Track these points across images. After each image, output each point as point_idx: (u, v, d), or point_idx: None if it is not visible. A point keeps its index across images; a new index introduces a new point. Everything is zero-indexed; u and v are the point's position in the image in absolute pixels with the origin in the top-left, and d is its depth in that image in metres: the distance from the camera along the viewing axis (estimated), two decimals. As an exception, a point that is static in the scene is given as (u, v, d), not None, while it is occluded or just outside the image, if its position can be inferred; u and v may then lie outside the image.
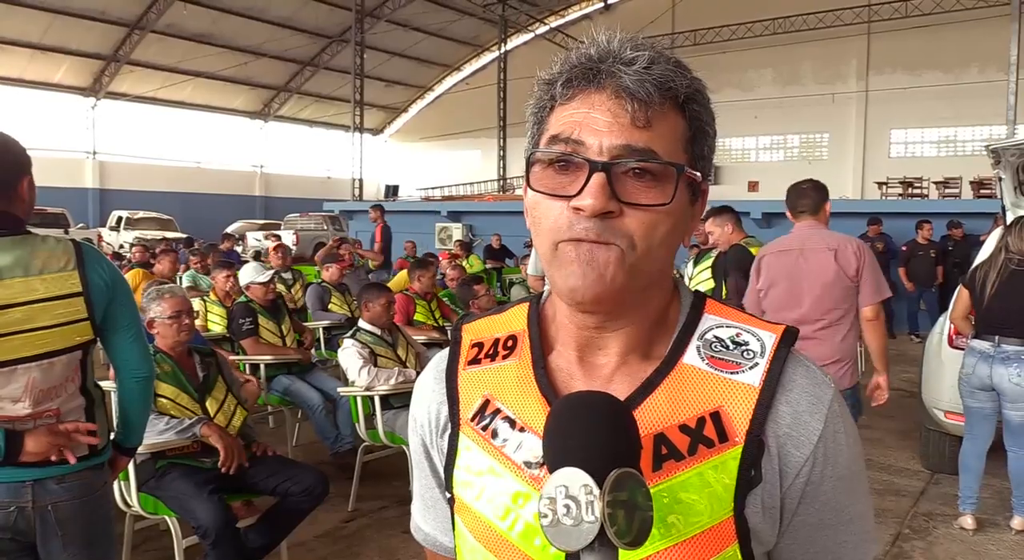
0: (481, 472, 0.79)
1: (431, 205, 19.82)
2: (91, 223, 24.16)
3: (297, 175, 33.08)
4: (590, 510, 0.57)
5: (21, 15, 22.16)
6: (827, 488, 0.77)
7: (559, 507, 0.58)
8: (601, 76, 0.73)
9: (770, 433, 0.75)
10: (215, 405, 3.34)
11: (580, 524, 0.58)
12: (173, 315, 3.34)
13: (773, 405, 0.75)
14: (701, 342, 0.79)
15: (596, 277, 0.72)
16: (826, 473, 0.76)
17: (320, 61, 29.45)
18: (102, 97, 26.85)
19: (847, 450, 0.78)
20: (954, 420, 4.52)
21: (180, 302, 3.40)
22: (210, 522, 2.96)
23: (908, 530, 4.13)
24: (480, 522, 0.79)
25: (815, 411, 0.76)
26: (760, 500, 0.74)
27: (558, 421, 0.65)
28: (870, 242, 10.97)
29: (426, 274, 6.44)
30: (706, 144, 0.78)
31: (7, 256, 1.82)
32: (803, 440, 0.75)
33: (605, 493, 0.57)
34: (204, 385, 3.36)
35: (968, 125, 22.76)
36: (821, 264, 3.53)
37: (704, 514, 0.72)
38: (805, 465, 0.75)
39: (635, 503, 0.58)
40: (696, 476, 0.72)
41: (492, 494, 0.78)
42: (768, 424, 0.75)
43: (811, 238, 3.66)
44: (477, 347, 0.87)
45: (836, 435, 0.77)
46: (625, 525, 0.58)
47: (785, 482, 0.76)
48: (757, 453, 0.74)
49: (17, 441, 1.81)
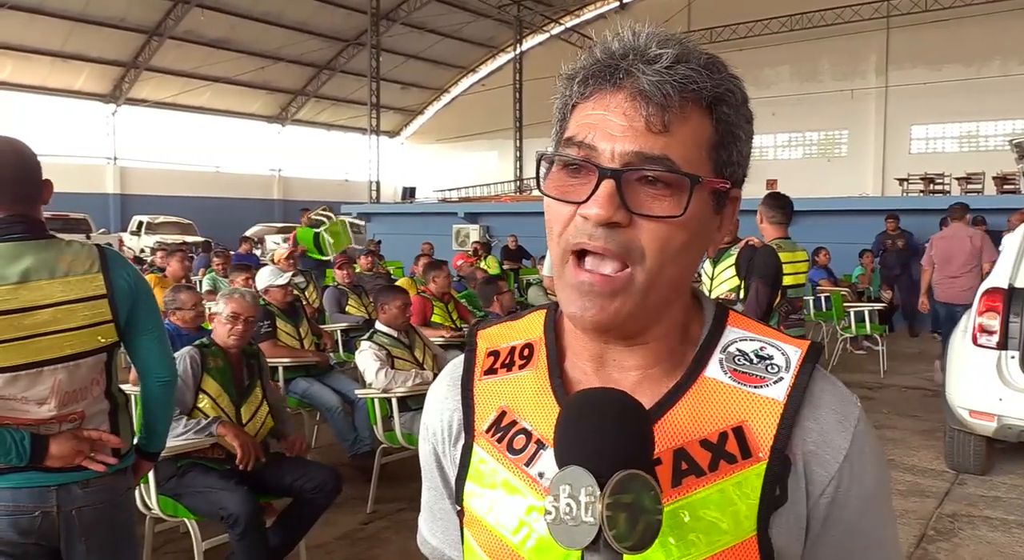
0: (494, 484, 0.77)
1: (448, 206, 19.87)
2: (112, 228, 24.45)
3: (315, 178, 33.25)
4: (589, 511, 0.56)
5: (42, 24, 22.49)
6: (851, 510, 0.74)
7: (562, 505, 0.57)
8: (619, 75, 0.70)
9: (798, 451, 0.72)
10: (249, 412, 3.36)
11: (579, 525, 0.57)
12: (230, 316, 3.42)
13: (799, 422, 0.72)
14: (724, 355, 0.76)
15: (597, 310, 0.70)
16: (852, 492, 0.74)
17: (336, 65, 29.61)
18: (122, 103, 27.17)
19: (873, 471, 0.75)
20: (979, 419, 4.45)
21: (242, 306, 3.47)
22: (240, 510, 2.98)
23: (933, 532, 4.07)
24: (491, 536, 0.77)
25: (842, 429, 0.74)
26: (786, 520, 0.72)
27: (568, 417, 0.63)
28: (889, 238, 10.86)
29: (440, 275, 6.42)
30: (735, 149, 0.74)
31: (33, 259, 1.85)
32: (828, 459, 0.73)
33: (605, 495, 0.56)
34: (246, 389, 3.40)
35: (990, 120, 22.46)
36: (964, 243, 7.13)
37: (727, 533, 0.69)
38: (829, 485, 0.73)
39: (641, 506, 0.57)
40: (718, 493, 0.70)
41: (505, 507, 0.76)
42: (795, 442, 0.72)
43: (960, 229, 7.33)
44: (493, 356, 0.85)
45: (862, 454, 0.74)
46: (626, 529, 0.56)
47: (810, 501, 0.73)
48: (782, 470, 0.71)
49: (42, 445, 1.82)
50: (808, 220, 9.91)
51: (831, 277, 9.88)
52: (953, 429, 4.86)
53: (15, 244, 1.85)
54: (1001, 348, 4.43)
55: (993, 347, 4.45)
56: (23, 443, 1.80)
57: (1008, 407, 4.30)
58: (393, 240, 16.84)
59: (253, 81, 28.06)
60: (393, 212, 20.11)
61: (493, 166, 31.43)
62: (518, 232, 14.48)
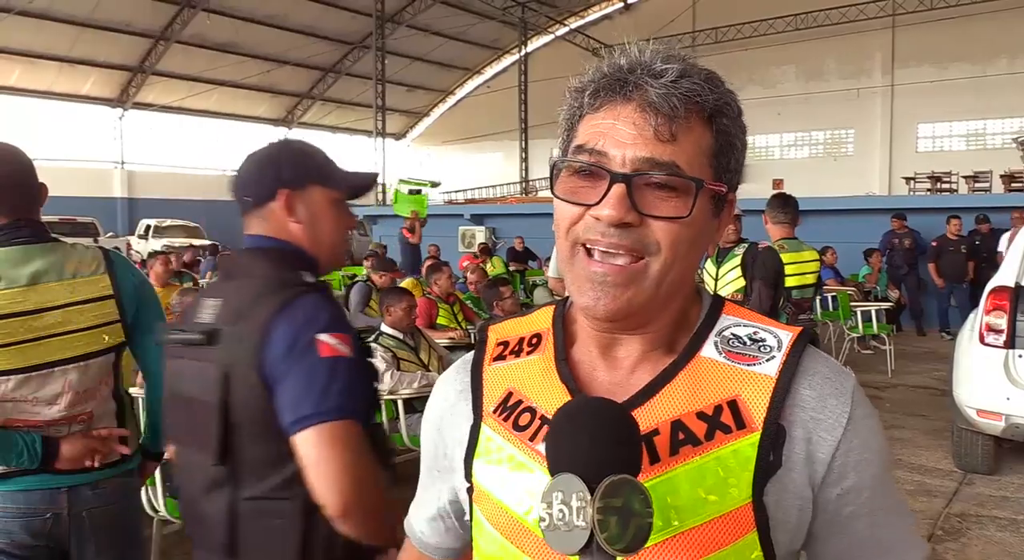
0: (501, 461, 0.81)
1: (454, 208, 19.87)
2: (120, 232, 24.53)
3: (321, 181, 33.28)
4: (581, 516, 0.58)
5: (50, 29, 22.59)
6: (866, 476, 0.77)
7: (555, 511, 0.59)
8: (628, 88, 0.75)
9: (796, 419, 0.75)
10: None
11: (572, 529, 0.59)
12: None
13: (796, 391, 0.76)
14: (719, 338, 0.80)
15: (610, 299, 0.75)
16: (864, 458, 0.77)
17: (342, 67, 29.68)
18: (129, 108, 27.29)
19: (878, 436, 0.79)
20: (986, 419, 4.43)
21: None
22: None
23: (941, 532, 4.06)
24: (499, 510, 0.80)
25: (839, 395, 0.77)
26: (783, 487, 0.74)
27: (559, 426, 0.66)
28: (896, 238, 10.81)
29: (441, 276, 6.42)
30: (733, 157, 0.79)
31: (41, 262, 1.87)
32: (832, 423, 0.76)
33: (596, 499, 0.58)
34: None
35: (997, 118, 22.36)
36: None
37: (722, 500, 0.72)
38: (839, 449, 0.75)
39: (631, 510, 0.59)
40: (713, 460, 0.73)
41: (512, 481, 0.79)
42: (793, 410, 0.75)
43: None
44: (503, 345, 0.89)
45: (866, 419, 0.78)
46: (617, 532, 0.58)
47: (818, 468, 0.75)
48: (776, 440, 0.74)
49: (53, 447, 1.84)
50: (814, 219, 9.87)
51: (838, 276, 9.85)
52: (961, 429, 4.84)
53: (23, 248, 1.87)
54: (1008, 347, 4.41)
55: (1000, 346, 4.43)
56: (34, 446, 1.82)
57: (1016, 406, 4.29)
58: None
59: (259, 84, 28.14)
60: (399, 214, 20.09)
61: (499, 168, 31.45)
62: (524, 234, 14.48)
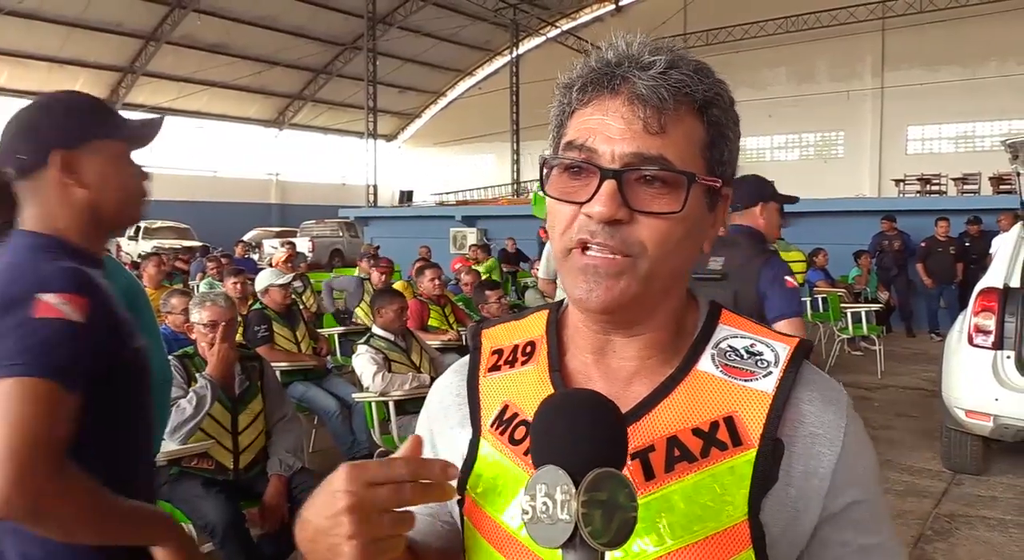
0: (495, 474, 0.80)
1: (445, 210, 19.86)
2: (110, 233, 24.39)
3: (312, 182, 33.22)
4: (564, 509, 0.57)
5: (39, 29, 22.46)
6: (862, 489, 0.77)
7: (538, 504, 0.59)
8: (616, 81, 0.74)
9: (795, 434, 0.75)
10: (248, 419, 3.29)
11: (556, 523, 0.58)
12: (208, 326, 3.29)
13: (794, 406, 0.76)
14: (716, 351, 0.80)
15: (603, 290, 0.73)
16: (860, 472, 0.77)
17: (333, 69, 29.62)
18: (119, 108, 27.08)
19: (870, 453, 0.80)
20: (975, 419, 4.46)
21: (217, 312, 3.32)
22: (217, 519, 2.97)
23: (930, 532, 4.07)
24: (491, 521, 0.79)
25: (836, 410, 0.78)
26: (779, 502, 0.74)
27: (543, 418, 0.65)
28: (886, 239, 10.86)
29: (423, 279, 6.31)
30: (726, 149, 0.78)
31: None
32: (830, 437, 0.76)
33: (580, 493, 0.57)
34: (241, 397, 3.30)
35: (987, 120, 22.49)
36: None
37: (718, 517, 0.72)
38: (840, 463, 0.75)
39: (616, 503, 0.58)
40: (709, 477, 0.72)
41: (504, 494, 0.79)
42: (791, 425, 0.75)
43: None
44: (497, 354, 0.88)
45: (859, 434, 0.78)
46: (602, 525, 0.57)
47: (818, 483, 0.75)
48: (773, 457, 0.74)
49: None
50: (805, 221, 9.91)
51: (828, 278, 9.89)
52: (950, 429, 4.87)
53: None
54: (997, 348, 4.44)
55: (989, 347, 4.46)
56: None
57: (1004, 407, 4.31)
58: (390, 244, 16.83)
59: (250, 85, 28.05)
60: (390, 216, 20.11)
61: (490, 169, 31.44)
62: (515, 235, 14.47)
